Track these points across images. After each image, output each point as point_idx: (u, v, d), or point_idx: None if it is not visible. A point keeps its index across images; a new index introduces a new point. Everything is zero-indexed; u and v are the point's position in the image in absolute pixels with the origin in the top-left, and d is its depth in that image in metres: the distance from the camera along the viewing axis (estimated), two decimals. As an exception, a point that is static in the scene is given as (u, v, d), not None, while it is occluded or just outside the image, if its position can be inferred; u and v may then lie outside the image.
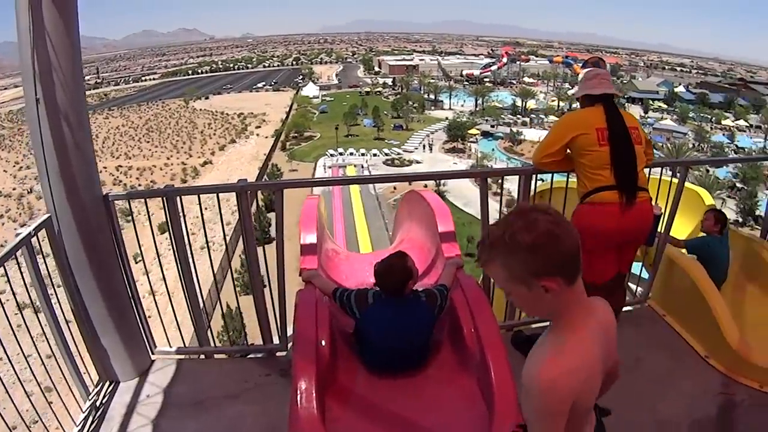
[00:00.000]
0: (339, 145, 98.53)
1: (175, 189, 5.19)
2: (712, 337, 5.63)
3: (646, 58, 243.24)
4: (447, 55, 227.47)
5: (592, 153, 4.95)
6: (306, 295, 4.61)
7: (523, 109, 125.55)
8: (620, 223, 4.94)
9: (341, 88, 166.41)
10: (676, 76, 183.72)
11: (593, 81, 5.17)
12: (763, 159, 73.12)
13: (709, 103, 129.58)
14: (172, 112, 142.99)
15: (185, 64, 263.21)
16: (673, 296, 6.46)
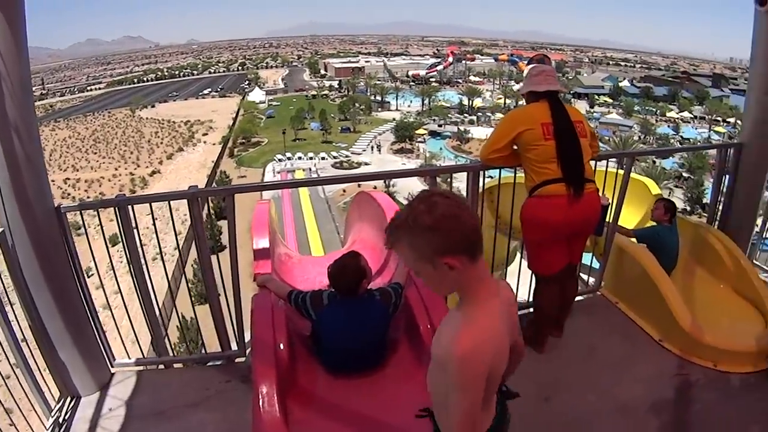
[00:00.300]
0: (287, 150, 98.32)
1: (127, 198, 5.15)
2: (664, 321, 5.82)
3: (591, 54, 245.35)
4: (393, 56, 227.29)
5: (538, 147, 5.05)
6: (261, 300, 4.66)
7: (470, 108, 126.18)
8: (568, 215, 5.06)
9: (287, 92, 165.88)
10: (620, 71, 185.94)
11: (538, 77, 5.24)
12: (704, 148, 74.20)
13: (653, 97, 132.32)
14: (119, 121, 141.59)
15: (130, 72, 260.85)
16: (625, 284, 6.64)
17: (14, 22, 4.20)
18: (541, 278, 5.66)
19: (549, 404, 5.10)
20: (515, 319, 2.63)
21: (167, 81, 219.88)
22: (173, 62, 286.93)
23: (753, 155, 7.01)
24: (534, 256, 5.57)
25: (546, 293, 5.65)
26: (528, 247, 5.63)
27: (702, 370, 5.47)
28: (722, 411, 5.06)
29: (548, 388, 5.23)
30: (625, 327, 6.24)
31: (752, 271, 6.57)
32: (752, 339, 5.59)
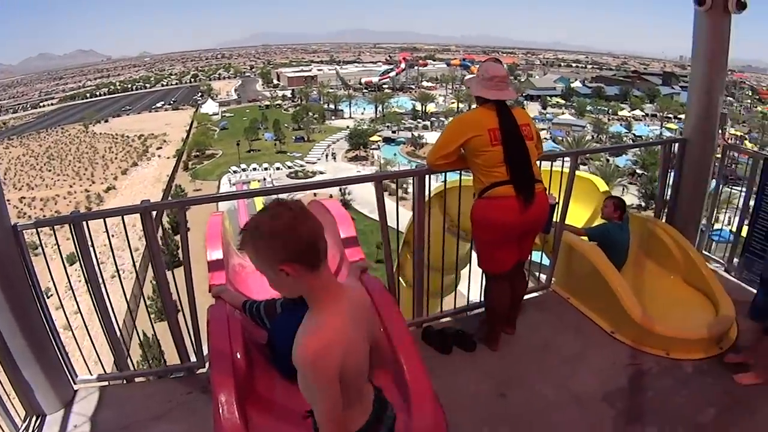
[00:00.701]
0: (241, 161, 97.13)
1: (82, 214, 5.24)
2: (615, 314, 6.09)
3: (542, 56, 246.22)
4: (345, 64, 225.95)
5: (486, 153, 5.20)
6: (217, 311, 4.74)
7: (424, 113, 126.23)
8: (518, 216, 5.23)
9: (241, 103, 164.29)
10: (572, 72, 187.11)
11: (490, 83, 5.31)
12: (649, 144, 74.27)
13: (605, 96, 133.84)
14: (72, 137, 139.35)
15: (83, 87, 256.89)
16: (575, 280, 6.90)
17: None
18: (491, 277, 5.81)
19: (505, 400, 5.26)
20: (374, 319, 3.05)
21: (120, 95, 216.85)
22: (126, 75, 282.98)
23: (696, 150, 7.38)
24: (485, 255, 5.72)
25: (497, 291, 5.79)
26: (479, 247, 5.77)
27: (655, 359, 5.72)
28: (676, 397, 5.29)
29: (503, 385, 5.40)
30: (578, 321, 6.47)
31: (701, 261, 6.85)
32: (703, 326, 5.85)
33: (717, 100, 7.23)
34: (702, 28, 7.00)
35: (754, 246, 7.24)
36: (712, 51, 7.05)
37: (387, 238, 6.30)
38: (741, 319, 6.07)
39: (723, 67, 7.20)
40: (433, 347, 6.03)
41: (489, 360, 5.81)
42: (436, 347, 6.01)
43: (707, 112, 7.26)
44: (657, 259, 7.35)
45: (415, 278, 6.56)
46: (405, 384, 3.99)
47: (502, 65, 5.63)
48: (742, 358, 5.65)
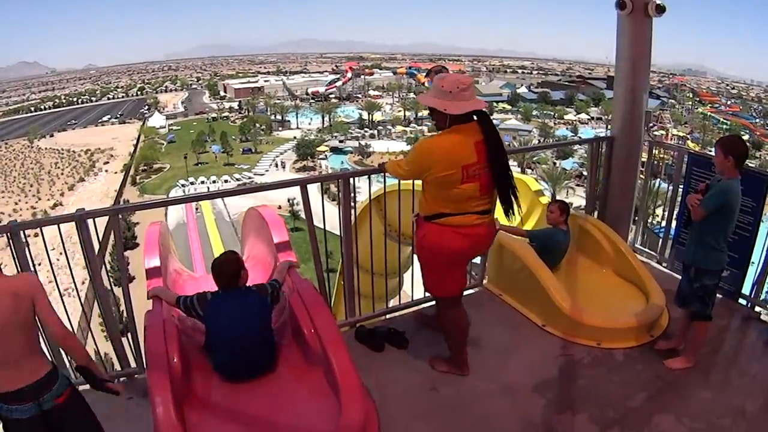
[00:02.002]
0: (189, 175, 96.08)
1: (19, 224, 5.24)
2: (546, 307, 6.31)
3: (488, 63, 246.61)
4: (292, 75, 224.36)
5: (452, 191, 4.82)
6: (153, 316, 4.90)
7: (370, 122, 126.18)
8: (476, 244, 5.25)
9: (188, 115, 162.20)
10: (518, 78, 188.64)
11: (467, 93, 4.84)
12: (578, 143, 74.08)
13: (550, 101, 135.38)
14: (17, 153, 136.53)
15: (27, 100, 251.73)
16: (507, 277, 7.07)
17: None
18: (444, 301, 5.57)
19: (436, 393, 5.42)
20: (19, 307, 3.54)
21: (66, 108, 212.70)
22: (71, 89, 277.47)
23: (623, 147, 7.70)
24: (434, 280, 5.43)
25: (455, 316, 5.53)
26: (426, 272, 5.44)
27: (586, 349, 5.93)
28: (607, 384, 5.50)
29: (436, 379, 5.55)
30: (510, 317, 6.67)
31: (631, 254, 7.12)
32: (633, 315, 6.11)
33: (641, 100, 7.60)
34: (624, 31, 7.31)
35: (682, 237, 7.42)
36: (634, 53, 7.38)
37: (315, 239, 6.40)
38: (672, 307, 6.27)
39: (646, 68, 7.56)
40: (366, 345, 6.18)
41: (421, 356, 5.91)
42: (369, 345, 6.17)
43: (633, 111, 7.61)
44: (589, 254, 7.55)
45: (344, 278, 6.73)
46: (335, 381, 4.20)
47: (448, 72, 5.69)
48: (673, 344, 5.96)
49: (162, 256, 5.92)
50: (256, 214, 6.82)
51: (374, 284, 7.77)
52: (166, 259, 6.19)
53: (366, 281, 7.60)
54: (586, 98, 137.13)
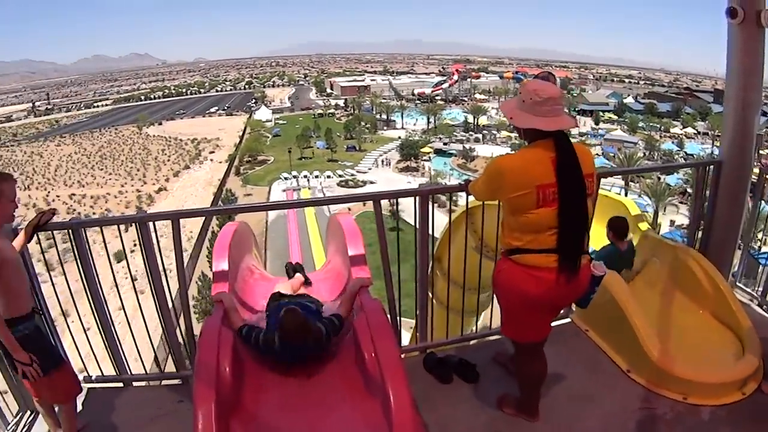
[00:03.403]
0: (293, 168, 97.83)
1: (80, 221, 5.37)
2: (633, 351, 5.59)
3: (595, 71, 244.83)
4: (398, 75, 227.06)
5: (529, 216, 4.12)
6: (211, 323, 4.71)
7: (475, 126, 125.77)
8: (552, 291, 4.24)
9: (294, 110, 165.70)
10: (624, 88, 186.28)
11: (543, 107, 4.08)
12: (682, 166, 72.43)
13: (657, 113, 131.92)
14: (126, 138, 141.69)
15: (137, 89, 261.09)
16: (595, 310, 5.88)
17: None
18: (523, 347, 4.80)
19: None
20: None
21: (174, 98, 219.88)
22: (180, 80, 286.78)
23: (732, 172, 6.88)
24: (509, 321, 4.72)
25: (529, 363, 4.82)
26: (502, 311, 4.74)
27: (670, 404, 5.23)
28: None
29: (501, 422, 5.03)
30: (593, 357, 5.97)
31: (731, 296, 6.29)
32: (725, 368, 5.43)
33: (753, 120, 6.75)
34: (735, 43, 6.54)
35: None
36: (745, 67, 6.54)
37: (387, 259, 5.94)
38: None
39: (758, 85, 6.66)
40: (434, 375, 5.71)
41: (490, 393, 5.34)
42: (436, 375, 5.69)
43: (743, 132, 6.77)
44: (686, 291, 6.60)
45: (417, 302, 6.28)
46: (389, 414, 3.83)
47: (554, 82, 4.92)
48: None
49: (232, 258, 5.79)
50: (337, 222, 6.59)
51: (468, 300, 7.14)
52: (238, 260, 6.11)
53: (458, 296, 7.12)
54: (692, 112, 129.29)
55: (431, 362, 5.81)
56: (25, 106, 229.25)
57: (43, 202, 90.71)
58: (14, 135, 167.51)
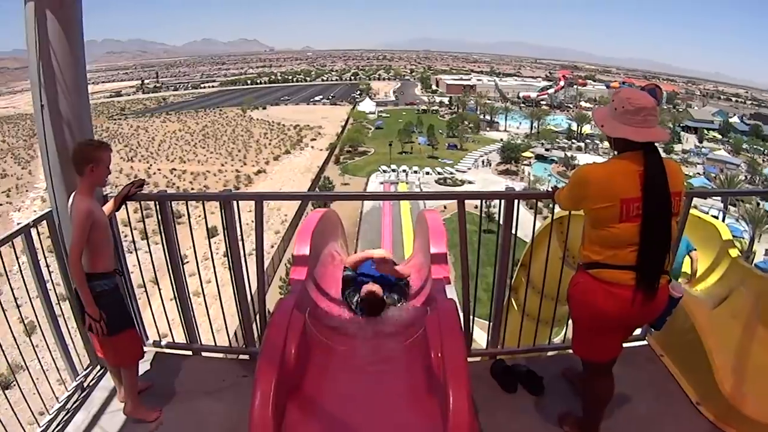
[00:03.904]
0: (392, 162, 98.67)
1: (168, 195, 5.55)
2: (704, 382, 5.19)
3: (702, 87, 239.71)
4: (504, 77, 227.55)
5: (611, 229, 3.96)
6: (284, 304, 4.68)
7: (579, 134, 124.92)
8: (628, 309, 4.02)
9: (398, 104, 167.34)
10: (731, 106, 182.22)
11: (636, 117, 3.92)
12: None
13: (762, 135, 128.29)
14: (229, 120, 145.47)
15: (244, 73, 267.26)
16: (672, 335, 5.83)
17: (71, 30, 4.77)
18: (589, 365, 4.60)
19: None
20: None
21: (280, 85, 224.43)
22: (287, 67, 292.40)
23: None
24: (581, 338, 4.52)
25: (597, 384, 4.60)
26: (574, 327, 4.58)
27: None
28: None
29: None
30: (664, 383, 5.62)
31: None
32: None
33: None
34: None
35: None
36: None
37: (466, 259, 5.65)
38: None
39: None
40: (499, 382, 5.53)
41: (552, 408, 5.12)
42: (501, 383, 5.51)
43: None
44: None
45: (492, 306, 6.07)
46: (446, 417, 3.72)
47: (661, 95, 4.64)
48: None
49: (314, 243, 5.91)
50: (423, 218, 6.59)
51: (546, 308, 6.77)
52: (321, 246, 6.25)
53: (536, 303, 6.87)
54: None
55: (498, 369, 5.69)
56: (134, 83, 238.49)
57: (144, 174, 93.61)
58: (122, 109, 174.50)
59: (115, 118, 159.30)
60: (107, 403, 5.25)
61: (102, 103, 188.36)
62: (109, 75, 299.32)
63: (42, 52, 4.56)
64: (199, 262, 6.29)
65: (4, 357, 5.10)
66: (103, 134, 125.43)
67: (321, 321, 5.18)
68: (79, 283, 4.38)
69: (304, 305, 5.00)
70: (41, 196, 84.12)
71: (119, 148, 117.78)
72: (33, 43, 4.53)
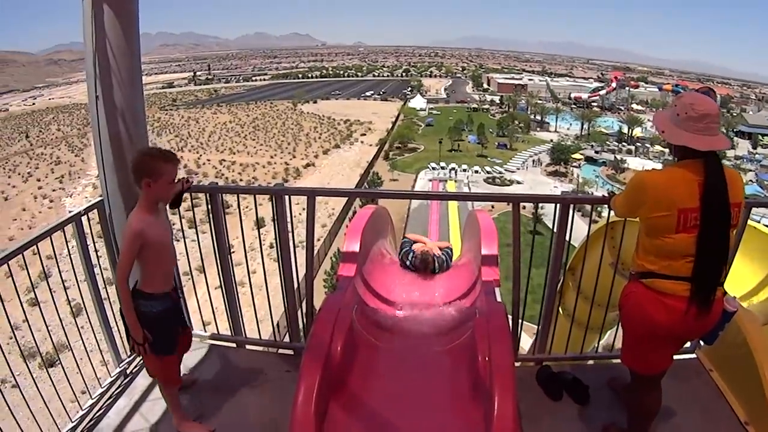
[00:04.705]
0: (441, 160, 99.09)
1: (218, 187, 5.75)
2: (755, 402, 4.92)
3: (758, 91, 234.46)
4: (556, 77, 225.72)
5: (667, 239, 3.90)
6: (331, 301, 4.77)
7: (629, 137, 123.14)
8: (681, 321, 3.96)
9: (449, 102, 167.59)
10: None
11: (699, 124, 3.82)
12: None
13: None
14: (280, 113, 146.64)
15: (296, 67, 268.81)
16: (724, 350, 5.56)
17: (127, 22, 4.83)
18: (639, 378, 4.50)
19: None
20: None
21: (331, 79, 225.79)
22: (338, 62, 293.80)
23: None
24: (630, 349, 4.45)
25: (644, 396, 4.52)
26: (625, 338, 4.48)
27: None
28: None
29: None
30: (712, 401, 5.37)
31: None
32: None
33: None
34: None
35: None
36: None
37: (518, 263, 5.65)
38: None
39: None
40: (544, 389, 5.48)
41: (597, 418, 5.05)
42: (547, 390, 5.46)
43: None
44: None
45: (542, 311, 6.04)
46: (491, 424, 3.69)
47: (714, 99, 4.45)
48: None
49: (364, 240, 5.90)
50: (475, 218, 6.54)
51: (596, 316, 6.68)
52: (370, 243, 6.24)
53: (585, 310, 6.69)
54: None
55: (544, 375, 5.62)
56: (186, 75, 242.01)
57: (194, 165, 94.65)
58: (173, 100, 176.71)
59: (167, 108, 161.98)
60: (149, 390, 5.33)
61: (154, 94, 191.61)
62: (162, 67, 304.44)
63: (98, 44, 4.61)
64: (246, 253, 6.49)
65: (50, 337, 5.34)
66: (155, 124, 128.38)
67: (368, 319, 5.16)
68: (124, 303, 4.25)
69: (352, 303, 5.01)
70: (92, 183, 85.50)
71: (170, 138, 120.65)
72: (89, 35, 4.59)
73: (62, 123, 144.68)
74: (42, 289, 6.10)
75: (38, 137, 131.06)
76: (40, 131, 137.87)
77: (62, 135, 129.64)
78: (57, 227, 4.79)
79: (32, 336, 5.17)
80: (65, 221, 4.88)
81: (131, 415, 5.08)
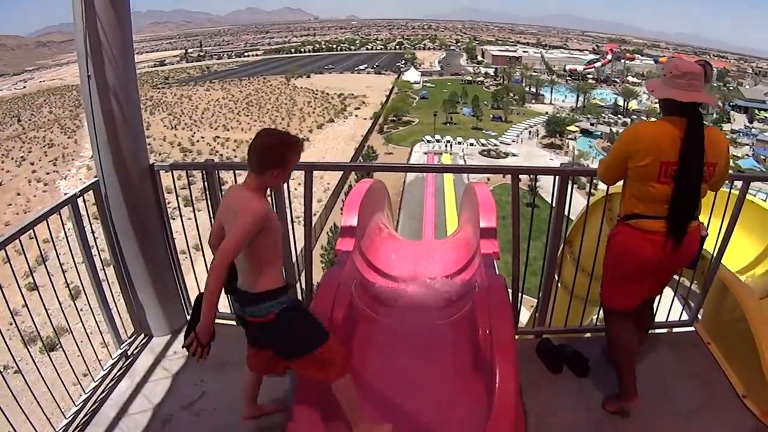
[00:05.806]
0: (436, 132, 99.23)
1: (215, 164, 5.67)
2: (752, 375, 4.97)
3: (755, 65, 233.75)
4: (551, 49, 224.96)
5: (649, 188, 4.28)
6: (330, 276, 4.82)
7: (625, 110, 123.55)
8: (661, 252, 4.38)
9: (443, 75, 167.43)
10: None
11: (681, 80, 4.19)
12: None
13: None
14: (273, 88, 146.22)
15: (288, 42, 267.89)
16: (721, 324, 5.72)
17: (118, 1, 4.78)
18: (612, 312, 4.90)
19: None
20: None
21: (324, 53, 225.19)
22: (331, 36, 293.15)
23: None
24: (610, 288, 4.83)
25: (619, 330, 4.83)
26: (606, 278, 4.85)
27: None
28: None
29: (601, 423, 4.85)
30: (709, 373, 5.44)
31: None
32: None
33: None
34: None
35: None
36: None
37: (518, 236, 5.58)
38: None
39: None
40: (544, 362, 5.52)
41: (596, 390, 5.13)
42: (547, 363, 5.50)
43: None
44: None
45: (541, 284, 6.03)
46: (492, 395, 3.84)
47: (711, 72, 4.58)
48: None
49: (362, 214, 5.96)
50: (473, 191, 6.58)
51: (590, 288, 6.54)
52: (368, 217, 6.29)
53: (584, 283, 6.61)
54: None
55: (544, 348, 5.65)
56: (177, 52, 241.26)
57: (188, 142, 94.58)
58: (166, 78, 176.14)
59: (159, 87, 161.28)
60: (151, 371, 5.39)
61: (146, 72, 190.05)
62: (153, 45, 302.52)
63: (88, 21, 4.58)
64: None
65: (49, 320, 5.28)
66: (147, 103, 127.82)
67: (368, 293, 5.22)
68: (213, 294, 3.68)
69: (351, 277, 5.07)
70: (87, 164, 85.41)
71: (163, 116, 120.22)
72: (80, 13, 4.56)
73: (54, 105, 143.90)
74: (40, 273, 6.07)
75: (30, 120, 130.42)
76: (32, 114, 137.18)
77: (54, 117, 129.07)
78: (53, 210, 4.76)
79: (32, 320, 4.97)
80: (61, 204, 4.85)
81: (134, 397, 5.11)
